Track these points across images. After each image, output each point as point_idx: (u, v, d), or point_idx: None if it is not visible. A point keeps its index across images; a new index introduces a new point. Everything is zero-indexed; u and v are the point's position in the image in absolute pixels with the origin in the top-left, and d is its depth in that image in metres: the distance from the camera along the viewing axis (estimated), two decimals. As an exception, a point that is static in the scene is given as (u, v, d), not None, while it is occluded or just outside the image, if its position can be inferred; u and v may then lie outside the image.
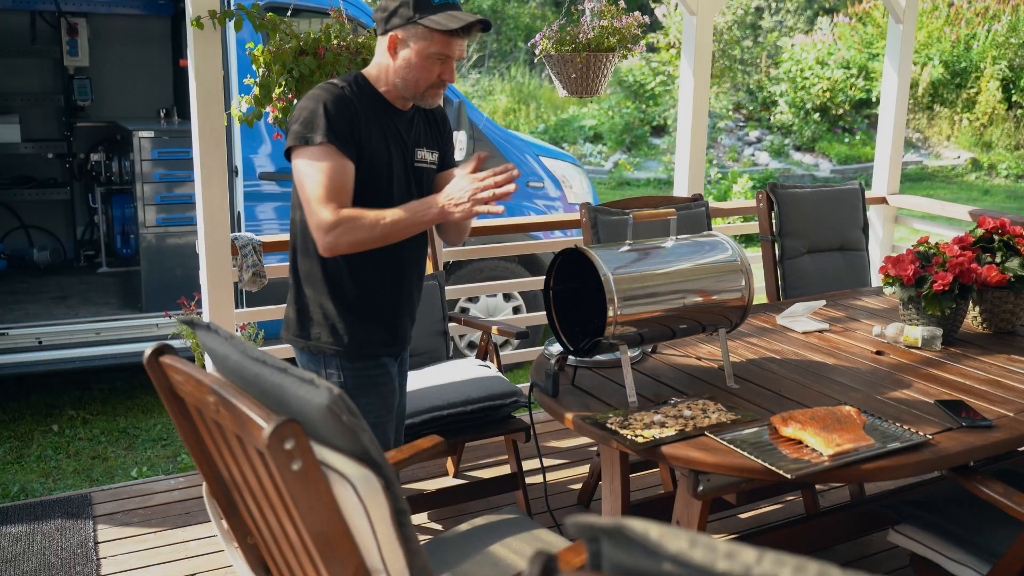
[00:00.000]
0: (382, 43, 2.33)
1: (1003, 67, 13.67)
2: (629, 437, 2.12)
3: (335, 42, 3.14)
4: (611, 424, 2.19)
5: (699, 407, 2.28)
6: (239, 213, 4.80)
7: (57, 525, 3.29)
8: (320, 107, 2.23)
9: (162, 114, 5.98)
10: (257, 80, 3.13)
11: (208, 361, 3.69)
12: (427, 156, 2.46)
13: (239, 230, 4.72)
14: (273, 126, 3.20)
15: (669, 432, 2.14)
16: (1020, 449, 2.69)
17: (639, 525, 0.90)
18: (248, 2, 3.34)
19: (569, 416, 2.28)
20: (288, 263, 2.48)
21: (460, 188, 2.19)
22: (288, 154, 2.28)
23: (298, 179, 2.25)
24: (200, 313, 3.84)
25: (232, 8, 3.27)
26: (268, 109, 3.13)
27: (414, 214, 2.22)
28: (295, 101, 3.10)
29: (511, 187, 2.18)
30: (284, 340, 2.48)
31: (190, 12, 3.24)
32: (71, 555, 3.10)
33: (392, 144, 2.35)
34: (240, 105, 3.18)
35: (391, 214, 2.21)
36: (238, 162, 4.77)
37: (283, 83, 3.07)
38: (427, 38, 2.26)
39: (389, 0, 2.30)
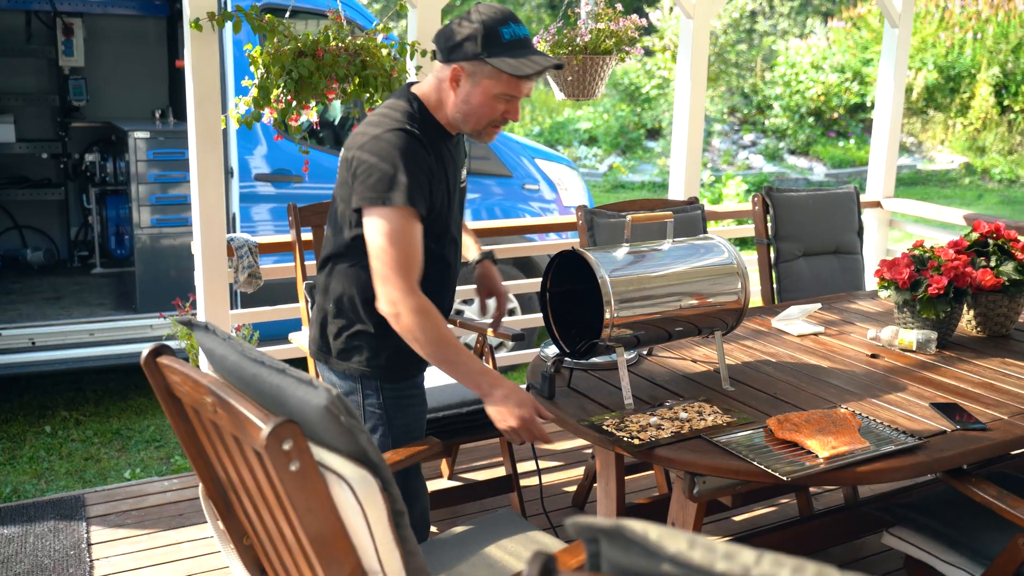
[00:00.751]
0: (442, 72, 2.20)
1: (996, 72, 13.72)
2: (625, 439, 2.12)
3: (334, 44, 3.14)
4: (607, 426, 2.19)
5: (695, 409, 2.29)
6: (234, 215, 4.79)
7: (50, 526, 3.28)
8: (399, 166, 2.10)
9: (157, 115, 5.97)
10: (255, 82, 3.12)
11: (203, 361, 3.68)
12: (463, 175, 2.42)
13: (234, 231, 4.71)
14: (271, 127, 3.19)
15: (665, 434, 2.15)
16: (1014, 452, 2.70)
17: (638, 526, 0.90)
18: (246, 4, 3.34)
19: (565, 418, 2.28)
20: (319, 283, 2.36)
21: (518, 413, 2.06)
22: (354, 208, 2.16)
23: (370, 235, 2.12)
24: (195, 314, 3.83)
25: (230, 10, 3.27)
26: (267, 111, 3.12)
27: (477, 376, 2.11)
28: (293, 103, 3.10)
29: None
30: (315, 359, 2.38)
31: (188, 14, 3.24)
32: (64, 557, 3.09)
33: (450, 176, 2.28)
34: (239, 107, 3.18)
35: (465, 353, 2.11)
36: (234, 163, 4.76)
37: (282, 85, 3.07)
38: (495, 77, 2.15)
39: (454, 28, 2.17)
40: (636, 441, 2.12)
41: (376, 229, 2.11)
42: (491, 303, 2.69)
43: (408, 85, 2.31)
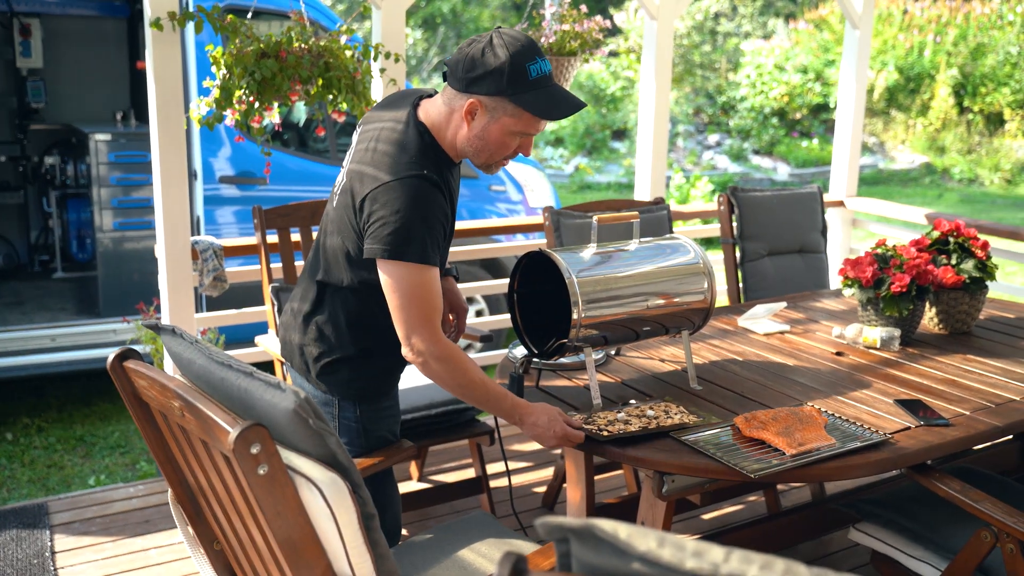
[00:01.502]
0: (457, 101, 2.09)
1: (955, 73, 13.93)
2: (594, 431, 2.13)
3: (297, 45, 3.12)
4: (580, 422, 2.20)
5: (661, 408, 2.30)
6: (199, 217, 4.75)
7: (12, 536, 3.23)
8: (415, 219, 2.01)
9: (119, 117, 5.90)
10: (217, 83, 3.10)
11: (168, 365, 3.63)
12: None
13: (198, 234, 4.67)
14: (234, 129, 3.17)
15: (633, 428, 2.16)
16: (976, 447, 2.75)
17: (608, 525, 0.91)
18: (208, 4, 3.31)
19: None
20: (306, 297, 2.29)
21: (552, 432, 2.10)
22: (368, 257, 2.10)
23: (387, 288, 2.07)
24: (159, 318, 3.79)
25: (192, 10, 3.24)
26: (228, 112, 3.10)
27: (508, 412, 2.14)
28: (256, 104, 3.07)
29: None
30: (296, 371, 2.34)
31: (149, 14, 3.21)
32: (27, 566, 3.04)
33: (454, 207, 2.24)
34: (199, 108, 3.15)
35: (496, 391, 2.13)
36: (197, 165, 4.72)
37: (244, 86, 3.04)
38: (516, 116, 2.06)
39: (477, 58, 2.04)
40: (604, 433, 2.13)
41: (393, 285, 2.06)
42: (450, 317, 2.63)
43: (414, 108, 2.17)
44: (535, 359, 2.44)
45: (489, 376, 2.17)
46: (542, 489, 3.62)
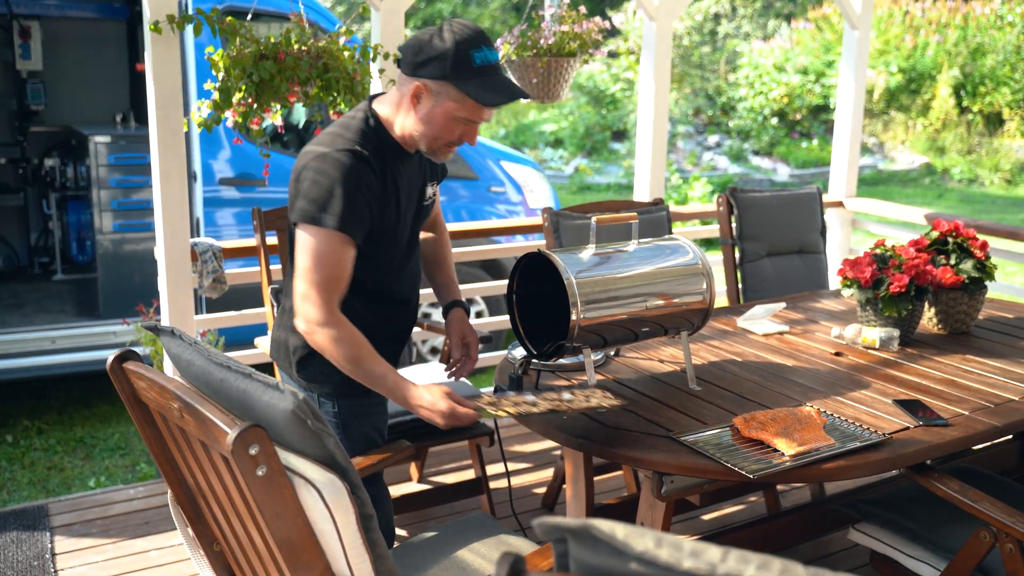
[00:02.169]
0: (404, 85, 2.16)
1: (956, 74, 13.94)
2: (492, 411, 2.08)
3: (296, 47, 3.12)
4: (481, 403, 2.13)
5: (584, 394, 2.24)
6: (198, 219, 4.75)
7: (12, 537, 3.23)
8: (338, 188, 2.08)
9: (118, 119, 5.91)
10: (216, 85, 3.10)
11: (168, 367, 3.64)
12: (430, 190, 2.40)
13: (198, 236, 4.67)
14: (233, 131, 3.17)
15: (538, 410, 2.10)
16: (975, 447, 2.75)
17: (606, 525, 0.91)
18: (207, 6, 3.31)
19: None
20: (284, 295, 2.35)
21: (437, 409, 2.07)
22: (292, 222, 2.17)
23: (299, 251, 2.13)
24: (159, 320, 3.79)
25: (191, 12, 3.24)
26: (228, 114, 3.10)
27: (391, 391, 2.12)
28: (255, 106, 3.08)
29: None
30: (282, 369, 2.38)
31: (148, 16, 3.21)
32: (27, 568, 3.05)
33: (404, 196, 2.26)
34: (200, 110, 3.15)
35: (380, 369, 2.11)
36: (197, 167, 4.72)
37: (243, 88, 3.04)
38: (459, 101, 2.12)
39: (424, 43, 2.11)
40: (502, 413, 2.09)
41: (304, 247, 2.11)
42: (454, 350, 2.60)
43: (371, 98, 2.28)
44: (534, 360, 2.45)
45: (488, 379, 2.17)
46: (542, 490, 3.63)
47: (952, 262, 3.05)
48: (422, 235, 2.62)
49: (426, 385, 2.11)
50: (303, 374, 2.30)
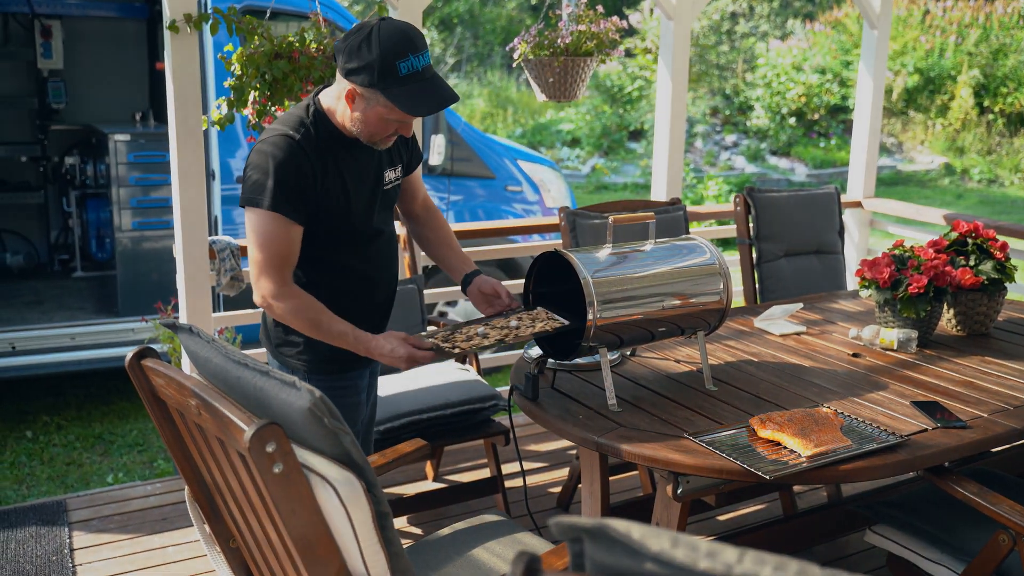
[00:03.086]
0: (339, 84, 2.24)
1: (976, 74, 13.83)
2: (447, 349, 2.21)
3: (311, 46, 3.13)
4: (436, 339, 2.25)
5: (529, 317, 2.32)
6: (216, 217, 4.77)
7: (31, 532, 3.26)
8: (270, 171, 2.20)
9: (138, 117, 5.94)
10: (231, 83, 3.12)
11: (186, 364, 3.66)
12: (392, 175, 2.45)
13: (216, 234, 4.69)
14: (249, 129, 3.18)
15: (488, 342, 2.22)
16: (994, 449, 2.73)
17: (621, 525, 0.91)
18: (225, 5, 3.33)
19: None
20: None
21: (397, 355, 2.22)
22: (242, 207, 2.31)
23: (247, 233, 2.28)
24: (177, 317, 3.82)
25: (208, 11, 3.25)
26: (248, 113, 3.11)
27: (354, 345, 2.26)
28: (269, 105, 3.09)
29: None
30: (268, 352, 2.51)
31: (167, 16, 3.23)
32: (46, 563, 3.07)
33: (354, 182, 2.33)
34: (220, 109, 3.17)
35: (339, 327, 2.25)
36: (215, 165, 4.74)
37: (257, 87, 3.06)
38: (387, 107, 2.20)
39: (353, 50, 2.17)
40: (456, 350, 2.21)
41: (248, 229, 2.26)
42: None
43: (319, 89, 2.37)
44: (550, 359, 2.44)
45: (504, 378, 2.19)
46: (557, 489, 3.62)
47: (971, 263, 3.03)
48: (416, 222, 2.69)
49: (384, 334, 2.26)
50: (283, 350, 2.42)
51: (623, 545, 0.90)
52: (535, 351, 2.65)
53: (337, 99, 2.27)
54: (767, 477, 1.98)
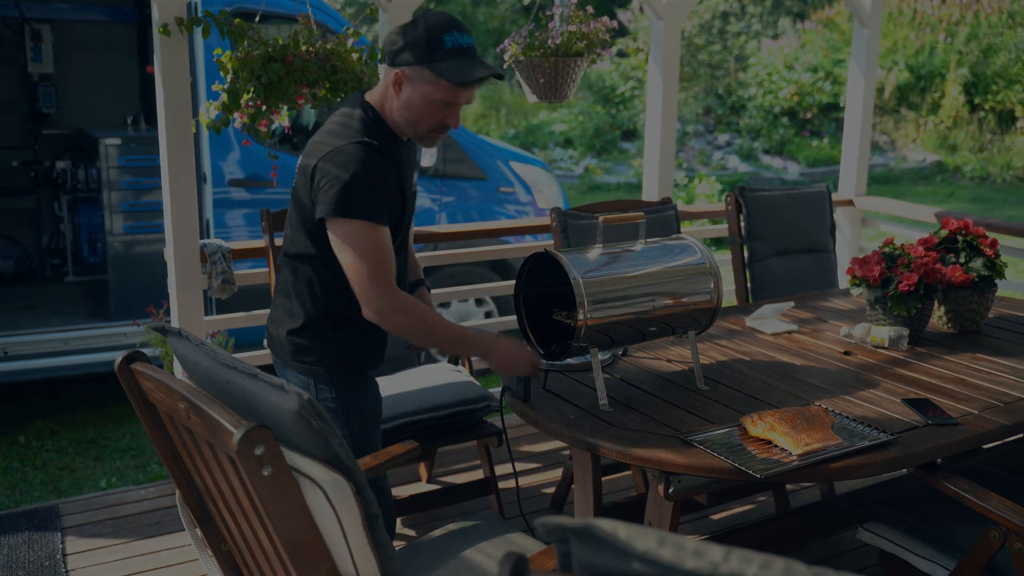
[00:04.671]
0: (387, 76, 2.25)
1: (965, 72, 13.87)
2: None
3: (304, 48, 3.13)
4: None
5: None
6: (208, 220, 4.77)
7: (24, 538, 3.25)
8: (361, 180, 2.15)
9: (129, 121, 5.93)
10: (225, 87, 3.11)
11: (177, 368, 3.65)
12: (415, 179, 2.47)
13: (208, 237, 4.69)
14: (242, 132, 3.18)
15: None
16: (985, 446, 2.74)
17: (608, 525, 0.91)
18: (216, 8, 3.32)
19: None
20: (281, 280, 2.42)
21: (525, 356, 2.30)
22: (318, 218, 2.22)
23: (339, 252, 2.19)
24: (169, 321, 3.81)
25: (199, 15, 3.25)
26: (236, 115, 3.11)
27: (474, 344, 2.31)
28: (263, 108, 3.09)
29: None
30: (279, 361, 2.43)
31: (157, 19, 3.22)
32: (39, 568, 3.06)
33: (404, 182, 2.33)
34: (209, 111, 3.16)
35: (452, 331, 2.29)
36: (207, 169, 4.74)
37: (251, 90, 3.05)
38: (434, 83, 2.19)
39: (399, 35, 2.21)
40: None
41: (342, 244, 2.18)
42: None
43: (361, 93, 2.36)
44: (542, 360, 2.44)
45: (496, 379, 2.19)
46: (551, 490, 3.63)
47: (962, 260, 3.04)
48: None
49: (501, 337, 2.31)
50: (300, 359, 2.35)
51: (610, 545, 0.90)
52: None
53: (384, 92, 2.27)
54: (758, 476, 1.98)
